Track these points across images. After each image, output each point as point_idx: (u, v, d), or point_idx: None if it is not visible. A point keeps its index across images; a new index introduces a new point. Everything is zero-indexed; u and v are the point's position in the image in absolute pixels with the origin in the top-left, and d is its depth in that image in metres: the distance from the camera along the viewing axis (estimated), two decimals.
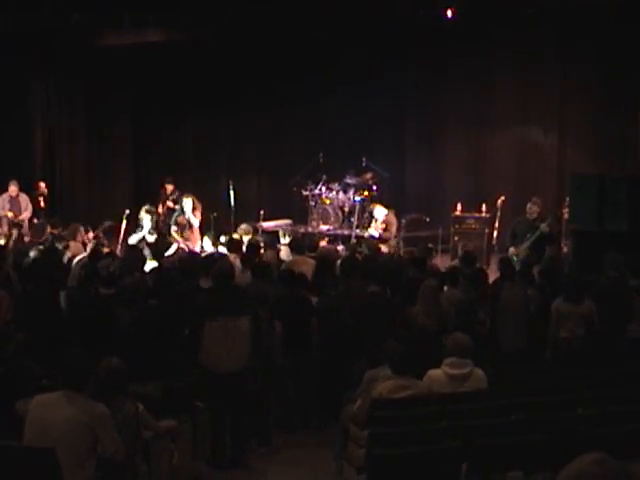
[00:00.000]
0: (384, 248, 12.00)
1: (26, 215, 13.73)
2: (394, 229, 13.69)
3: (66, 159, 16.94)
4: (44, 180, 15.08)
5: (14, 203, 13.74)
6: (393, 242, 13.14)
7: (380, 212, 13.89)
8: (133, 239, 12.56)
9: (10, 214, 13.61)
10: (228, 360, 6.78)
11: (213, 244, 12.83)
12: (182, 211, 13.26)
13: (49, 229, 13.02)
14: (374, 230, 13.86)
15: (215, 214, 14.63)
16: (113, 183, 17.61)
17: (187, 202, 13.24)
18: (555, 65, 14.67)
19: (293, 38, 15.12)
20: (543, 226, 10.92)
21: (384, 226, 13.64)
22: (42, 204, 14.23)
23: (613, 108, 14.02)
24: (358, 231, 14.51)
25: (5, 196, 13.76)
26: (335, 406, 7.13)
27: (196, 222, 13.25)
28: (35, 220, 13.87)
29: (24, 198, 13.87)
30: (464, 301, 8.10)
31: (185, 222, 13.07)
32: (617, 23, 13.26)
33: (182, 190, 14.24)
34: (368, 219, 14.67)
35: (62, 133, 16.82)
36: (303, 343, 7.71)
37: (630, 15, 12.81)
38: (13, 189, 13.74)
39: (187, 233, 13.00)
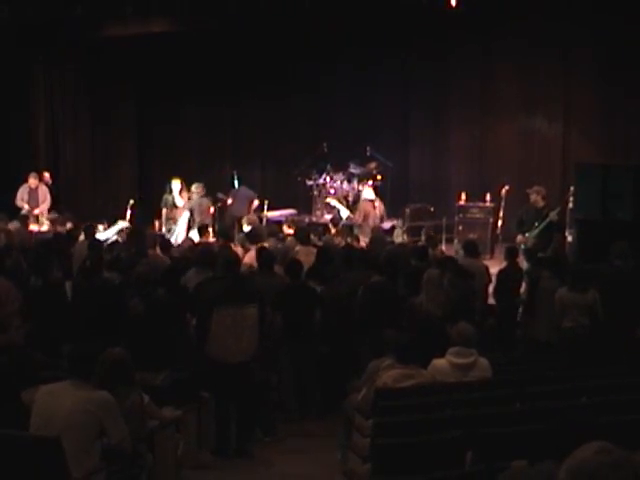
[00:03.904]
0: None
1: (43, 208, 13.76)
2: (370, 219, 13.21)
3: (70, 150, 16.95)
4: (48, 170, 15.08)
5: (33, 195, 13.79)
6: (368, 230, 12.54)
7: (368, 194, 13.60)
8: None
9: (26, 206, 13.65)
10: (237, 349, 6.77)
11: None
12: (170, 191, 13.91)
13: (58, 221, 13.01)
14: (345, 210, 13.57)
15: (219, 204, 14.61)
16: (117, 173, 17.61)
17: (175, 183, 13.91)
18: (559, 54, 14.59)
19: (297, 27, 15.07)
20: (552, 214, 10.77)
21: (362, 213, 13.30)
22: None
23: (617, 97, 13.95)
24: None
25: (25, 187, 13.82)
26: (336, 395, 7.15)
27: (181, 202, 13.83)
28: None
29: (43, 190, 13.93)
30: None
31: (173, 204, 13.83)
32: (620, 10, 13.18)
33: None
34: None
35: (66, 124, 16.82)
36: (305, 333, 7.72)
37: (634, 1, 12.75)
38: (33, 181, 13.82)
39: (173, 212, 13.76)
